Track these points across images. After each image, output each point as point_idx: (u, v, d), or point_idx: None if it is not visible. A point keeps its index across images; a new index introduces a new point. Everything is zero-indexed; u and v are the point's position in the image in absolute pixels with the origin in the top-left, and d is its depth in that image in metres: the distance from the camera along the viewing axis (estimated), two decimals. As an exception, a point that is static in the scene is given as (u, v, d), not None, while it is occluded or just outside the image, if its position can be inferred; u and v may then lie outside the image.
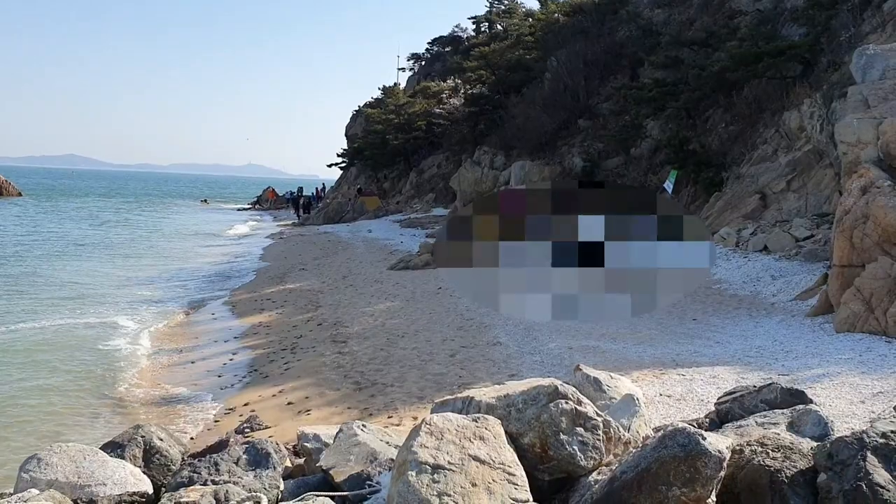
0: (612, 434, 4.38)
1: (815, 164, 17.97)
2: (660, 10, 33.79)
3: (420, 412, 8.28)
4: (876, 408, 6.70)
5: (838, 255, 11.03)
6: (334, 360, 11.20)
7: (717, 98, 24.24)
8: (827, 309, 11.11)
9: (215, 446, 5.62)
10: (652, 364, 9.21)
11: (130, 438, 5.27)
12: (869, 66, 13.25)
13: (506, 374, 9.25)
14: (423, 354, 10.86)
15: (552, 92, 35.08)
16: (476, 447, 4.01)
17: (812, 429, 4.77)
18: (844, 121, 12.61)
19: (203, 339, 14.16)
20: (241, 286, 20.53)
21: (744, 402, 5.43)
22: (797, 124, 19.39)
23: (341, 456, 5.01)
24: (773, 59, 21.49)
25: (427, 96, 49.94)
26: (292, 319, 14.87)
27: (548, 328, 11.42)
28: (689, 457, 3.76)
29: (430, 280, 17.71)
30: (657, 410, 7.15)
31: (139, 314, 16.65)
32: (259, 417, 8.81)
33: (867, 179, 11.18)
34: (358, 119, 62.71)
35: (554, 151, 32.63)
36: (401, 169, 50.62)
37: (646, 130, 27.49)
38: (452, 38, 59.94)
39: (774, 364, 8.91)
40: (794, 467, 4.06)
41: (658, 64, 27.75)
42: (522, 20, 46.93)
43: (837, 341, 9.72)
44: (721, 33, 25.44)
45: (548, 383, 4.42)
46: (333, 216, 42.88)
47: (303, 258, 25.37)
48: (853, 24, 20.18)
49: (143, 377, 11.56)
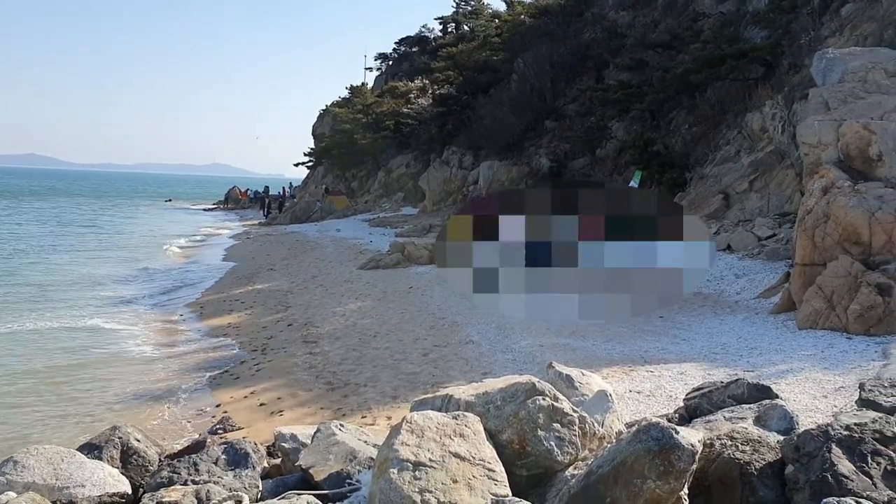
0: (588, 429, 4.49)
1: (777, 164, 18.35)
2: (624, 13, 34.20)
3: (394, 412, 8.35)
4: (838, 402, 6.92)
5: (800, 254, 11.30)
6: (306, 360, 11.21)
7: (680, 100, 24.63)
8: (789, 306, 11.38)
9: (192, 447, 5.64)
10: (621, 361, 9.37)
11: (108, 439, 5.26)
12: (829, 70, 13.59)
13: (479, 372, 9.35)
14: (396, 354, 10.92)
15: (519, 93, 35.34)
16: (456, 444, 4.10)
17: (778, 423, 4.92)
18: (805, 123, 12.91)
19: (171, 340, 14.06)
20: (209, 287, 20.37)
21: (712, 398, 5.58)
22: (759, 126, 19.79)
23: (320, 455, 5.06)
24: (736, 62, 21.90)
25: (395, 96, 49.96)
26: (262, 320, 14.83)
27: (519, 326, 11.55)
28: (663, 450, 3.87)
29: (400, 279, 17.77)
30: (627, 406, 7.28)
31: (107, 315, 16.46)
32: (231, 419, 8.82)
33: (828, 180, 11.47)
34: (325, 118, 62.51)
35: (521, 152, 32.89)
36: (369, 168, 50.56)
37: (611, 131, 27.82)
38: (419, 39, 60.01)
39: (740, 360, 9.12)
40: (762, 460, 4.21)
41: (623, 66, 28.11)
42: (489, 21, 47.16)
43: (800, 338, 9.96)
44: (685, 36, 25.85)
45: (525, 380, 4.52)
46: (301, 216, 42.66)
47: (271, 258, 25.25)
48: (813, 28, 20.64)
49: (113, 379, 11.46)
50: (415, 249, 20.91)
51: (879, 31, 17.64)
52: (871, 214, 10.68)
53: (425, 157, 41.69)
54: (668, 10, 31.05)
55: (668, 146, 24.16)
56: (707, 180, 20.54)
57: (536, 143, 32.80)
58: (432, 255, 20.57)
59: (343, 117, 53.81)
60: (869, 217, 10.68)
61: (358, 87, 62.61)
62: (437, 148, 39.78)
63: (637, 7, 33.82)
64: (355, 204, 45.53)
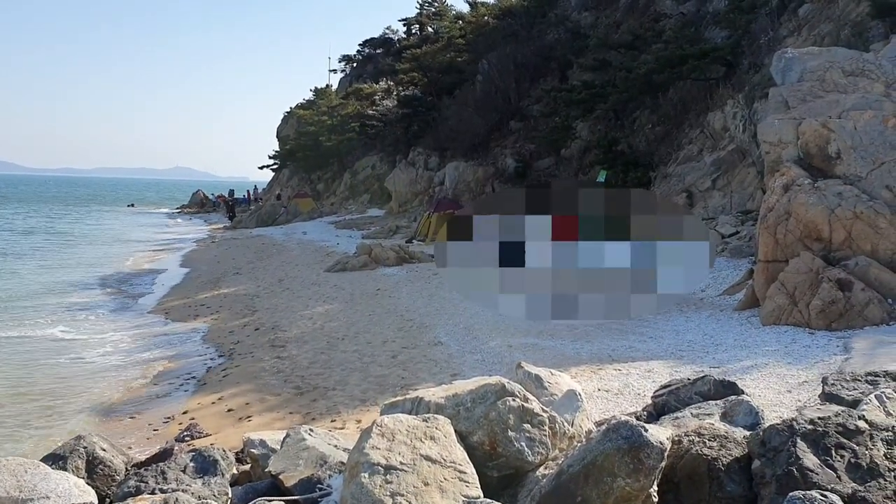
0: (558, 429, 4.51)
1: (739, 163, 18.64)
2: (587, 13, 34.47)
3: (364, 415, 8.32)
4: (802, 396, 7.03)
5: (763, 251, 11.47)
6: (274, 364, 11.12)
7: (643, 100, 24.88)
8: (753, 303, 11.55)
9: (160, 455, 5.55)
10: (589, 360, 9.44)
11: (72, 449, 5.16)
12: (788, 69, 13.80)
13: (448, 373, 9.35)
14: (365, 356, 10.88)
15: (484, 94, 35.46)
16: (427, 447, 4.09)
17: (744, 418, 4.98)
18: (766, 121, 13.12)
19: (137, 346, 13.86)
20: (173, 292, 20.13)
21: (679, 395, 5.64)
22: (721, 125, 20.08)
23: (290, 460, 5.02)
24: (697, 62, 22.19)
25: (360, 98, 49.87)
26: (228, 325, 14.69)
27: (487, 327, 11.58)
28: (632, 448, 3.91)
29: (368, 281, 17.72)
30: (596, 405, 7.34)
31: (70, 322, 16.18)
32: (199, 425, 8.71)
33: (789, 178, 11.67)
34: (289, 120, 62.19)
35: (487, 152, 33.00)
36: (334, 170, 50.39)
37: (575, 131, 28.02)
38: (383, 41, 59.94)
39: (706, 357, 9.24)
40: (729, 455, 4.26)
41: (586, 66, 28.35)
42: (453, 23, 47.25)
43: (764, 334, 10.11)
44: (647, 36, 26.12)
45: (495, 381, 4.53)
46: (266, 219, 42.35)
47: (236, 262, 25.03)
48: (772, 28, 21.00)
49: (77, 387, 11.26)
50: (382, 251, 20.87)
51: (836, 32, 18.00)
52: (831, 211, 10.89)
53: (391, 159, 41.65)
54: (630, 11, 31.36)
55: (632, 146, 24.40)
56: (671, 179, 20.79)
57: (502, 144, 32.94)
58: (399, 257, 20.56)
59: (308, 119, 53.59)
60: (829, 214, 10.88)
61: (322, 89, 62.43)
62: (403, 149, 39.77)
63: (599, 8, 34.11)
64: (321, 206, 45.33)
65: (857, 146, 11.57)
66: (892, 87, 12.76)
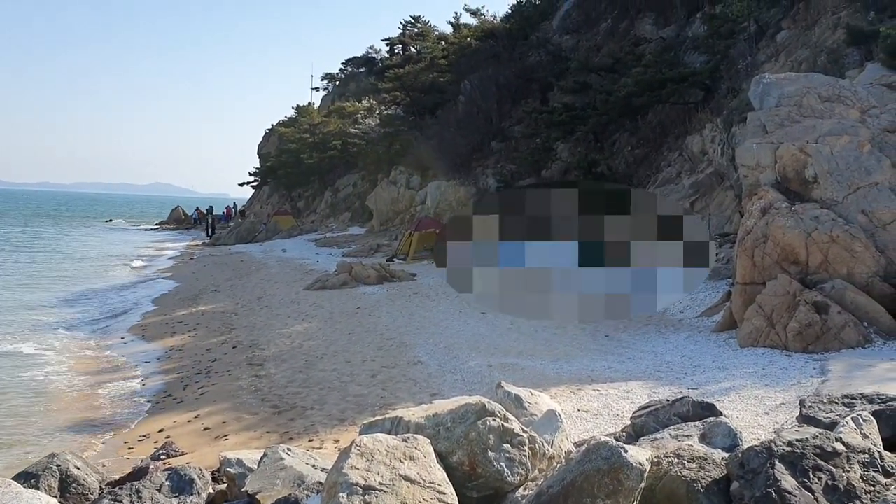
0: (538, 449, 4.50)
1: (717, 185, 18.82)
2: (568, 37, 34.80)
3: (342, 434, 8.26)
4: (780, 418, 7.08)
5: (741, 273, 11.57)
6: (251, 383, 11.03)
7: (623, 122, 25.14)
8: (731, 325, 11.63)
9: (134, 474, 5.48)
10: (569, 380, 9.45)
11: (45, 468, 5.08)
12: (766, 94, 14.00)
13: (427, 393, 9.31)
14: (344, 376, 10.82)
15: (466, 114, 35.64)
16: (406, 467, 4.06)
17: (723, 440, 5.00)
18: (744, 145, 13.28)
19: (113, 363, 13.69)
20: (152, 309, 19.93)
21: (658, 416, 5.66)
22: (699, 148, 20.29)
23: (267, 480, 4.97)
24: (676, 86, 22.47)
25: (342, 116, 49.97)
26: (206, 342, 14.55)
27: (467, 346, 11.57)
28: (612, 469, 3.91)
29: (348, 300, 17.65)
30: (575, 425, 7.35)
31: (46, 340, 15.94)
32: (175, 444, 8.59)
33: (766, 201, 11.80)
34: (271, 137, 62.14)
35: (469, 172, 33.09)
36: (316, 188, 50.33)
37: (556, 153, 28.20)
38: (366, 59, 60.16)
39: (684, 379, 9.28)
40: (708, 477, 4.27)
41: (567, 89, 28.59)
42: (435, 43, 47.48)
43: (742, 355, 10.17)
44: (627, 60, 26.43)
45: (475, 401, 4.52)
46: (246, 236, 42.13)
47: (215, 279, 24.85)
48: (750, 53, 21.32)
49: (51, 405, 11.09)
50: (362, 269, 20.81)
51: (813, 58, 18.31)
52: (808, 234, 11.02)
53: (372, 177, 41.67)
54: (611, 35, 31.72)
55: (612, 167, 24.58)
56: (650, 201, 20.92)
57: (483, 164, 33.05)
58: (380, 275, 20.52)
59: (289, 137, 53.57)
60: (806, 237, 11.01)
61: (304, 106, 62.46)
62: (385, 168, 39.81)
63: (580, 31, 34.47)
64: (302, 224, 45.21)
65: (833, 171, 11.73)
66: (867, 113, 12.98)
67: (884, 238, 10.99)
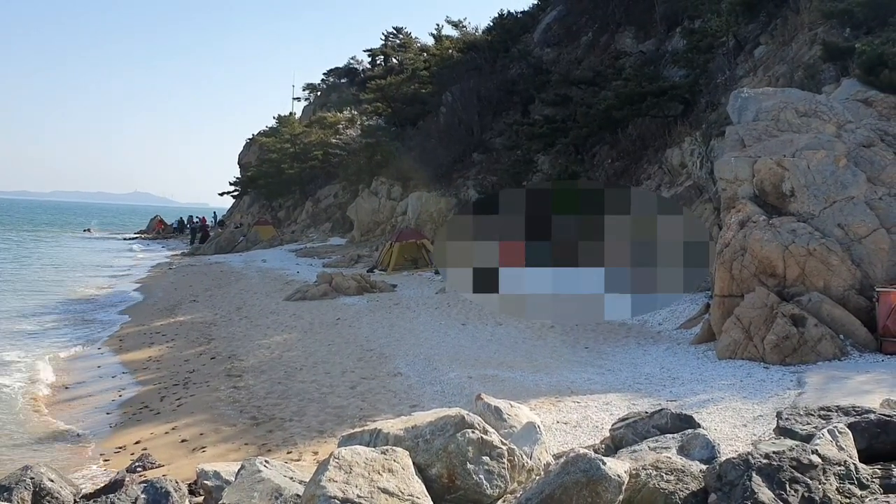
0: (517, 462, 4.50)
1: (696, 198, 18.96)
2: (549, 50, 35.05)
3: (321, 447, 8.21)
4: (757, 430, 7.12)
5: (719, 286, 11.65)
6: (229, 394, 10.93)
7: (603, 135, 25.30)
8: (709, 337, 11.71)
9: (110, 486, 5.42)
10: (548, 392, 9.45)
11: (18, 480, 5.01)
12: (744, 108, 14.15)
13: (407, 404, 9.29)
14: (323, 387, 10.76)
15: (447, 126, 35.77)
16: (385, 479, 4.05)
17: (701, 452, 5.02)
18: (723, 159, 13.41)
19: (90, 374, 13.53)
20: (129, 319, 19.74)
21: (637, 428, 5.67)
22: (679, 161, 20.45)
23: (244, 493, 4.92)
24: (656, 99, 22.66)
25: (323, 126, 49.93)
26: (184, 353, 14.42)
27: (448, 357, 11.56)
28: (590, 481, 3.91)
29: (328, 310, 17.59)
30: (555, 437, 7.34)
31: (21, 349, 15.72)
32: (152, 455, 8.50)
33: (744, 214, 11.91)
34: (252, 147, 61.92)
35: (450, 183, 33.17)
36: (296, 198, 50.19)
37: (537, 165, 28.33)
38: (348, 70, 60.22)
39: (663, 391, 9.31)
40: (686, 489, 4.28)
41: (548, 101, 28.77)
42: (417, 55, 47.66)
43: (720, 368, 10.24)
44: (607, 73, 26.65)
45: (454, 413, 4.51)
46: (225, 246, 41.89)
47: (194, 289, 24.65)
48: (728, 68, 21.56)
49: (26, 415, 10.93)
50: (343, 280, 20.75)
51: (790, 73, 18.52)
52: (785, 248, 11.13)
53: (354, 188, 41.62)
54: (591, 49, 31.97)
55: (592, 179, 24.71)
56: (630, 213, 21.04)
57: (464, 175, 33.14)
58: (360, 286, 20.47)
59: (270, 146, 53.42)
60: (783, 250, 11.12)
61: (286, 116, 62.35)
62: (366, 178, 39.79)
63: (561, 45, 34.73)
64: (282, 234, 45.03)
65: (809, 185, 11.87)
66: (843, 128, 13.15)
67: (859, 251, 11.13)
